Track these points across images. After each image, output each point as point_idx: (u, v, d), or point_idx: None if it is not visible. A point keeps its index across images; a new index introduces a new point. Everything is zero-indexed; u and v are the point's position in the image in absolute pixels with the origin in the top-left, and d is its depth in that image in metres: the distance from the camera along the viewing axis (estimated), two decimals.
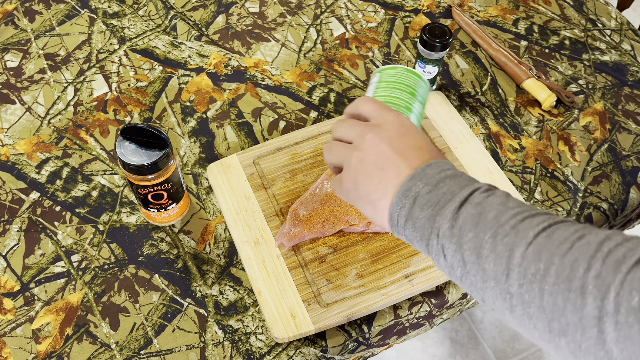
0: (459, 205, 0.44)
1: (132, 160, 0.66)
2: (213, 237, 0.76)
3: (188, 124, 0.87)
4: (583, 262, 0.37)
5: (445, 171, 0.47)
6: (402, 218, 0.47)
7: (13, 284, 0.72)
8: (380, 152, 0.50)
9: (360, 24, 1.02)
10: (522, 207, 0.44)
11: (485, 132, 0.88)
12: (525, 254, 0.40)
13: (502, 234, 0.42)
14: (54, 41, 0.97)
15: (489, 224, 0.42)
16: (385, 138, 0.50)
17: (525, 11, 1.05)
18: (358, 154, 0.51)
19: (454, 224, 0.44)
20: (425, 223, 0.46)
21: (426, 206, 0.46)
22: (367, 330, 0.70)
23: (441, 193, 0.45)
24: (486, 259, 0.42)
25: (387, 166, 0.49)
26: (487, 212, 0.43)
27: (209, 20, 1.01)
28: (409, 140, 0.50)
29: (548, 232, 0.40)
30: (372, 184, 0.50)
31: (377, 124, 0.52)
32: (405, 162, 0.49)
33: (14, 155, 0.83)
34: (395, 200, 0.48)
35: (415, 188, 0.47)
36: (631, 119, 0.91)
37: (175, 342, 0.68)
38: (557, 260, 0.38)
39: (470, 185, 0.46)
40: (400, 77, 0.60)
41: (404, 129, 0.51)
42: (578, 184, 0.83)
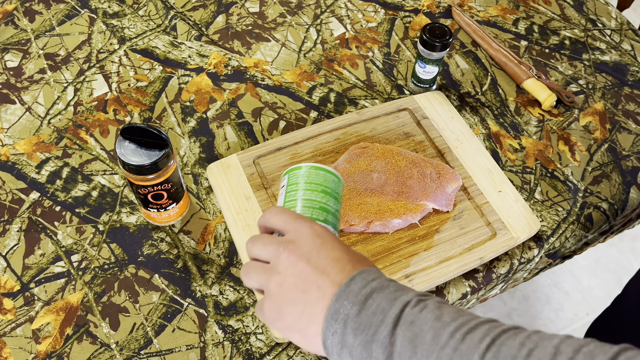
0: (392, 328, 0.41)
1: (132, 160, 0.66)
2: (213, 237, 0.76)
3: (188, 124, 0.87)
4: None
5: (370, 283, 0.44)
6: (337, 346, 0.44)
7: (13, 284, 0.72)
8: (299, 272, 0.46)
9: (360, 24, 1.02)
10: (457, 321, 0.41)
11: (485, 132, 0.88)
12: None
13: (445, 359, 0.39)
14: (54, 41, 0.97)
15: (428, 348, 0.40)
16: (301, 255, 0.46)
17: (525, 11, 1.05)
18: (276, 277, 0.47)
19: (392, 351, 0.41)
20: (362, 352, 0.42)
21: (359, 331, 0.42)
22: None
23: (371, 313, 0.42)
24: None
25: (309, 287, 0.45)
26: (423, 334, 0.40)
27: (209, 20, 1.01)
28: (327, 252, 0.47)
29: (493, 351, 0.38)
30: (297, 311, 0.46)
31: (291, 240, 0.48)
32: (327, 280, 0.45)
33: (14, 155, 0.83)
34: (325, 326, 0.44)
35: (344, 310, 0.44)
36: (631, 119, 0.91)
37: (175, 342, 0.68)
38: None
39: (398, 300, 0.43)
40: (310, 177, 0.56)
41: (319, 241, 0.47)
42: (578, 184, 0.83)
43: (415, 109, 0.87)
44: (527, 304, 1.54)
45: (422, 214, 0.75)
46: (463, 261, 0.72)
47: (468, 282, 0.74)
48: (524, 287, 1.57)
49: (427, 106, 0.87)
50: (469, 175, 0.80)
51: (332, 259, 0.46)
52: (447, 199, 0.76)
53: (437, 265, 0.72)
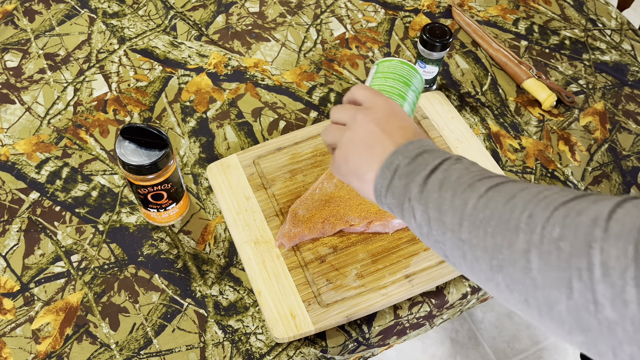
0: (429, 173, 0.49)
1: (132, 160, 0.66)
2: (213, 237, 0.76)
3: (188, 124, 0.87)
4: (520, 206, 0.42)
5: (424, 146, 0.52)
6: (384, 189, 0.52)
7: (13, 284, 0.72)
8: (368, 131, 0.54)
9: (360, 24, 1.02)
10: (482, 171, 0.48)
11: (485, 132, 0.88)
12: (477, 205, 0.45)
13: (460, 191, 0.46)
14: (54, 41, 0.97)
15: (451, 185, 0.47)
16: (374, 119, 0.55)
17: (525, 11, 1.05)
18: (349, 133, 0.56)
19: (423, 189, 0.49)
20: (401, 191, 0.50)
21: (403, 176, 0.51)
22: (367, 331, 0.70)
23: (417, 164, 0.50)
24: (445, 213, 0.47)
25: (374, 143, 0.54)
26: (451, 176, 0.48)
27: (209, 20, 1.01)
28: (395, 121, 0.55)
29: (499, 187, 0.45)
30: (360, 160, 0.54)
31: (367, 107, 0.57)
32: (390, 140, 0.53)
33: (13, 155, 0.83)
34: (379, 174, 0.53)
35: (396, 161, 0.52)
36: (631, 119, 0.91)
37: (175, 342, 0.68)
38: (500, 207, 0.43)
39: (442, 156, 0.50)
40: (396, 68, 0.65)
41: (391, 111, 0.56)
42: (578, 184, 0.83)
43: (415, 109, 0.87)
44: None
45: None
46: None
47: (468, 282, 0.74)
48: None
49: (427, 106, 0.87)
50: None
51: (399, 127, 0.54)
52: None
53: (437, 265, 0.72)
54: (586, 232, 0.37)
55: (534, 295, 0.39)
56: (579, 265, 0.36)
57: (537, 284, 0.39)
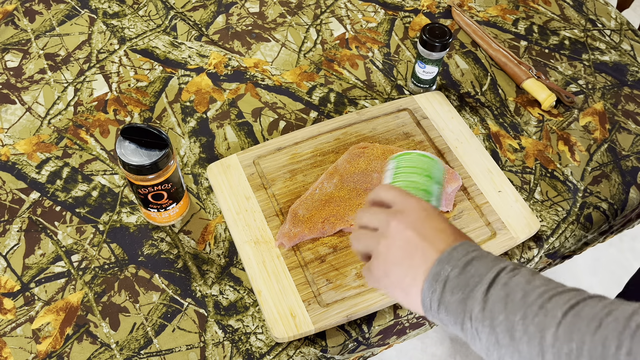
0: (487, 288, 0.45)
1: (132, 160, 0.66)
2: (213, 237, 0.76)
3: (188, 124, 0.87)
4: (613, 339, 0.39)
5: (471, 253, 0.48)
6: (435, 303, 0.48)
7: (13, 284, 0.72)
8: (406, 238, 0.51)
9: (360, 24, 1.02)
10: (547, 285, 0.45)
11: (485, 132, 0.88)
12: (557, 334, 0.41)
13: (531, 315, 0.43)
14: (54, 41, 0.97)
15: (517, 305, 0.44)
16: (409, 224, 0.51)
17: (525, 11, 1.05)
18: (385, 241, 0.52)
19: (484, 307, 0.45)
20: (457, 307, 0.46)
21: (456, 290, 0.47)
22: (367, 330, 0.71)
23: (469, 276, 0.47)
24: (520, 340, 0.43)
25: (414, 252, 0.50)
26: (514, 293, 0.44)
27: (209, 21, 1.01)
28: (432, 224, 0.51)
29: (576, 309, 0.42)
30: (401, 271, 0.51)
31: (399, 210, 0.53)
32: (431, 247, 0.50)
33: (14, 155, 0.83)
34: (426, 286, 0.49)
35: (444, 272, 0.48)
36: (631, 119, 0.91)
37: (175, 342, 0.68)
38: (588, 339, 0.40)
39: (496, 266, 0.47)
40: (415, 162, 0.62)
41: (426, 213, 0.52)
42: (578, 184, 0.83)
43: (415, 109, 0.87)
44: None
45: None
46: None
47: None
48: None
49: (426, 106, 0.87)
50: (469, 175, 0.80)
51: (437, 230, 0.51)
52: (446, 199, 0.76)
53: None
54: None
55: None
56: None
57: None
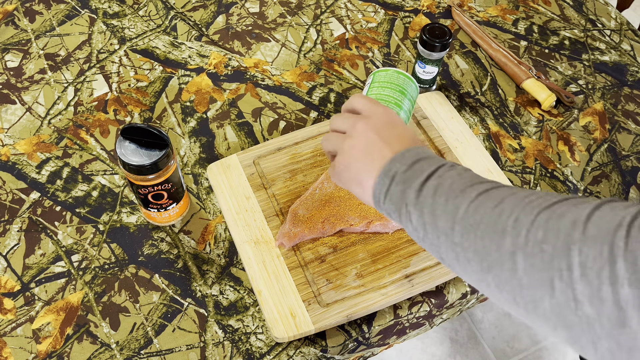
0: (424, 179, 0.51)
1: (132, 160, 0.66)
2: (213, 237, 0.76)
3: (188, 124, 0.87)
4: (507, 210, 0.44)
5: (420, 154, 0.54)
6: (383, 195, 0.54)
7: (13, 284, 0.72)
8: (368, 139, 0.56)
9: (360, 24, 1.02)
10: (474, 178, 0.50)
11: (485, 132, 0.88)
12: (468, 209, 0.47)
13: (452, 196, 0.49)
14: (54, 41, 0.97)
15: (444, 191, 0.50)
16: (373, 127, 0.57)
17: (525, 11, 1.05)
18: (350, 141, 0.58)
19: (419, 194, 0.51)
20: (399, 196, 0.53)
21: (400, 182, 0.53)
22: (367, 330, 0.71)
23: (413, 171, 0.52)
24: (439, 217, 0.49)
25: (373, 151, 0.56)
26: (444, 182, 0.50)
27: (209, 21, 1.01)
28: (393, 130, 0.57)
29: (489, 192, 0.48)
30: (360, 167, 0.56)
31: (367, 116, 0.59)
32: (389, 148, 0.55)
33: (14, 155, 0.84)
34: (377, 180, 0.55)
35: (394, 168, 0.54)
36: (631, 119, 0.91)
37: (176, 342, 0.68)
38: (489, 212, 0.46)
39: (437, 164, 0.53)
40: (391, 78, 0.68)
41: (390, 120, 0.58)
42: (578, 184, 0.83)
43: (415, 109, 0.87)
44: None
45: None
46: None
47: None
48: None
49: (426, 106, 0.87)
50: None
51: (397, 135, 0.57)
52: None
53: (437, 265, 0.72)
54: (566, 234, 0.39)
55: (520, 294, 0.42)
56: (560, 266, 0.39)
57: (523, 284, 0.41)
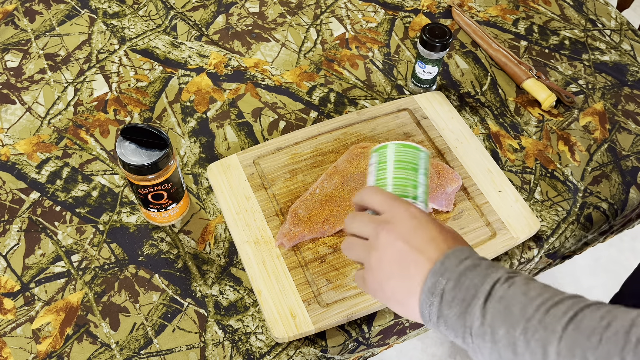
0: (484, 301, 0.46)
1: (132, 160, 0.66)
2: (213, 237, 0.76)
3: (188, 124, 0.87)
4: (615, 355, 0.39)
5: (463, 262, 0.48)
6: (434, 316, 0.48)
7: (13, 284, 0.72)
8: (397, 251, 0.50)
9: (360, 24, 1.02)
10: (543, 296, 0.45)
11: (485, 132, 0.88)
12: (559, 349, 0.41)
13: (532, 330, 0.43)
14: (54, 41, 0.97)
15: (516, 319, 0.44)
16: (399, 235, 0.51)
17: (525, 11, 1.05)
18: (376, 254, 0.52)
19: (483, 322, 0.45)
20: (457, 322, 0.47)
21: (453, 304, 0.47)
22: (367, 330, 0.71)
23: (465, 288, 0.47)
24: (522, 355, 0.43)
25: (406, 264, 0.50)
26: (512, 307, 0.44)
27: (209, 21, 1.01)
28: (422, 232, 0.51)
29: (575, 322, 0.42)
30: (395, 285, 0.51)
31: (387, 220, 0.52)
32: (423, 257, 0.49)
33: (14, 155, 0.83)
34: (422, 299, 0.49)
35: (439, 285, 0.48)
36: (631, 119, 0.91)
37: (175, 342, 0.68)
38: (590, 355, 0.40)
39: (489, 277, 0.47)
40: (399, 155, 0.60)
41: (415, 222, 0.51)
42: (578, 184, 0.83)
43: (415, 109, 0.87)
44: None
45: None
46: None
47: None
48: None
49: (427, 106, 0.87)
50: (469, 175, 0.80)
51: (428, 239, 0.50)
52: (446, 199, 0.76)
53: None
54: None
55: None
56: None
57: None
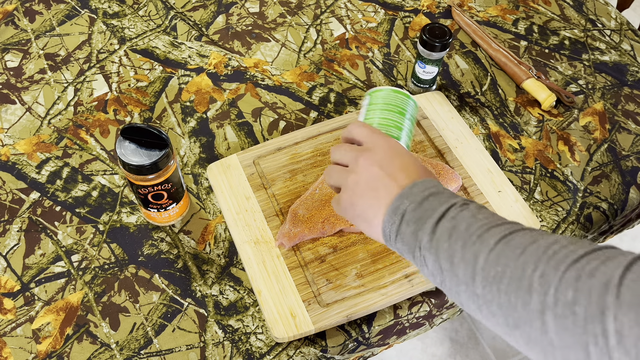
0: (437, 220, 0.50)
1: (132, 160, 0.66)
2: (213, 237, 0.76)
3: (188, 124, 0.87)
4: (531, 263, 0.43)
5: (429, 189, 0.53)
6: (393, 233, 0.53)
7: (13, 284, 0.72)
8: (372, 174, 0.55)
9: (360, 24, 1.02)
10: (489, 219, 0.49)
11: (485, 132, 0.88)
12: (488, 259, 0.46)
13: (470, 243, 0.47)
14: (54, 41, 0.97)
15: (460, 235, 0.48)
16: (376, 161, 0.56)
17: (525, 11, 1.05)
18: (353, 176, 0.56)
19: (432, 237, 0.50)
20: (411, 237, 0.51)
21: (411, 222, 0.51)
22: (367, 330, 0.71)
23: (424, 210, 0.51)
24: (457, 265, 0.48)
25: (378, 186, 0.54)
26: (459, 225, 0.49)
27: (209, 21, 1.01)
28: (397, 162, 0.56)
29: (507, 239, 0.46)
30: (366, 203, 0.55)
31: (368, 148, 0.57)
32: (394, 183, 0.54)
33: (14, 155, 0.84)
34: (386, 218, 0.53)
35: (403, 206, 0.52)
36: (631, 119, 0.91)
37: (175, 342, 0.68)
38: (512, 263, 0.44)
39: (448, 202, 0.51)
40: (389, 98, 0.65)
41: (392, 152, 0.56)
42: (578, 184, 0.83)
43: None
44: None
45: None
46: None
47: None
48: None
49: (426, 106, 0.87)
50: (469, 176, 0.80)
51: (401, 167, 0.55)
52: None
53: None
54: (599, 297, 0.38)
55: (552, 354, 0.41)
56: (595, 331, 0.38)
57: (555, 345, 0.40)
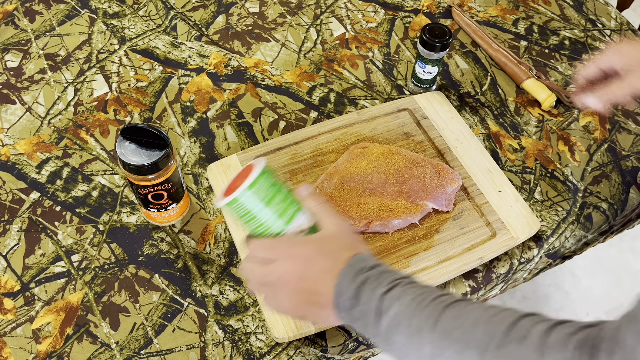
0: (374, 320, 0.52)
1: (132, 160, 0.66)
2: (213, 237, 0.76)
3: (188, 124, 0.87)
4: (432, 317, 0.49)
5: (349, 291, 0.53)
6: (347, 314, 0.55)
7: (13, 284, 0.72)
8: (294, 302, 0.56)
9: (360, 24, 1.02)
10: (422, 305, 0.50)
11: (485, 132, 0.88)
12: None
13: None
14: (54, 41, 0.97)
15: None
16: (292, 290, 0.55)
17: (525, 11, 1.05)
18: (280, 302, 0.57)
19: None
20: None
21: (359, 320, 0.53)
22: None
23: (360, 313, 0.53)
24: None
25: (308, 304, 0.56)
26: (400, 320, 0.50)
27: (209, 21, 1.01)
28: (311, 277, 0.55)
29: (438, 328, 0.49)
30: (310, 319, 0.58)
31: (275, 283, 0.56)
32: (321, 299, 0.54)
33: (14, 155, 0.84)
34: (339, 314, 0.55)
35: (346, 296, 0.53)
36: (631, 119, 0.91)
37: (176, 342, 0.68)
38: (421, 323, 0.49)
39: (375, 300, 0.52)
40: (255, 195, 0.56)
41: (300, 268, 0.55)
42: (578, 184, 0.83)
43: (415, 109, 0.87)
44: (526, 304, 1.54)
45: (421, 214, 0.75)
46: (463, 261, 0.72)
47: (468, 282, 0.74)
48: (523, 287, 1.57)
49: (426, 106, 0.87)
50: (469, 175, 0.80)
51: (320, 272, 0.54)
52: (446, 199, 0.76)
53: (437, 265, 0.72)
54: None
55: None
56: None
57: None
